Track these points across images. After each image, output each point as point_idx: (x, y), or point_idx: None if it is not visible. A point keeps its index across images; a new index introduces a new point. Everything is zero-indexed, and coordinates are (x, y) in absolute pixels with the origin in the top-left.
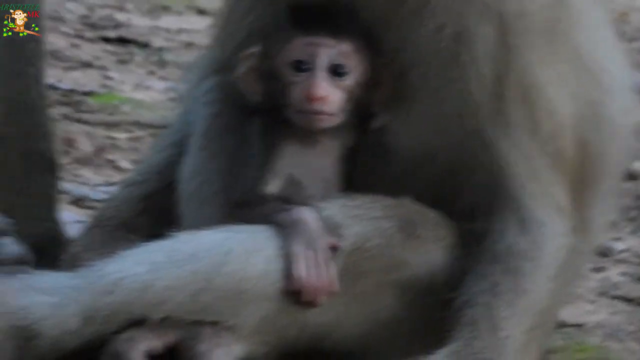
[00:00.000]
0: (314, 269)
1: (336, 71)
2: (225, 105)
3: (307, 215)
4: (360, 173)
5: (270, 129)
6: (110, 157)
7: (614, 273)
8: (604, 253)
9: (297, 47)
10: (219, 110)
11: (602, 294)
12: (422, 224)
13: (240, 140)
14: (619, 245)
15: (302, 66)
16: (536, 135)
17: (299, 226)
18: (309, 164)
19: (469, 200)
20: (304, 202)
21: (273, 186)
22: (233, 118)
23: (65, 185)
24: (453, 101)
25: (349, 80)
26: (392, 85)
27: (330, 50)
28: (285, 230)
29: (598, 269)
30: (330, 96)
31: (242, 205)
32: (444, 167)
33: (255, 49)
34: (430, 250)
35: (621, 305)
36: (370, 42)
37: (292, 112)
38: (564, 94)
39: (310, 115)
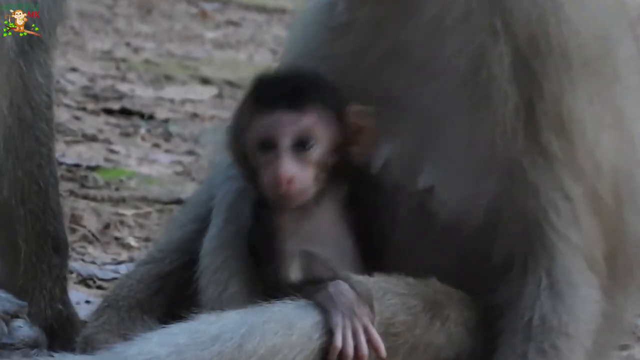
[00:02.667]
0: (355, 338)
1: (302, 145)
2: None
3: (340, 287)
4: (401, 238)
5: (266, 213)
6: (117, 234)
7: (638, 351)
8: (629, 331)
9: (260, 126)
10: (244, 185)
11: None
12: (448, 305)
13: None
14: None
15: (267, 145)
16: (577, 172)
17: (336, 299)
18: (314, 233)
19: (502, 258)
20: (333, 276)
21: (294, 269)
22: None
23: (72, 264)
24: (485, 130)
25: (318, 151)
26: (372, 129)
27: (292, 126)
28: (324, 306)
29: (622, 347)
30: (298, 174)
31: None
32: (481, 219)
33: (229, 126)
34: (456, 332)
35: None
36: (336, 105)
37: (266, 193)
38: (602, 137)
39: (281, 197)
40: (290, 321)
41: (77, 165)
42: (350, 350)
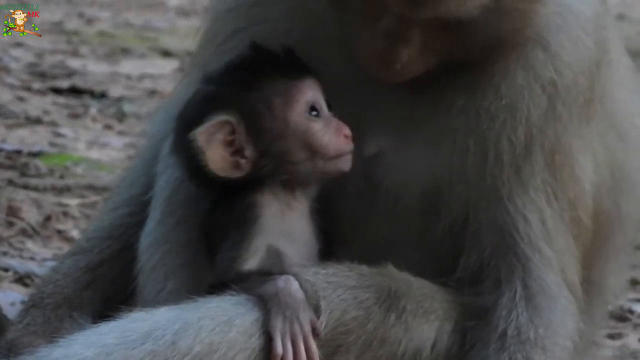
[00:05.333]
0: (294, 346)
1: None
2: None
3: (290, 285)
4: (347, 213)
5: (242, 201)
6: (60, 226)
7: (633, 339)
8: (622, 317)
9: (304, 91)
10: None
11: None
12: (406, 295)
13: (209, 208)
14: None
15: (317, 108)
16: (556, 200)
17: (282, 297)
18: (288, 231)
19: (474, 263)
20: (283, 271)
21: (252, 262)
22: None
23: (8, 261)
24: (476, 154)
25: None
26: None
27: (319, 90)
28: (266, 302)
29: (615, 335)
30: None
31: (219, 285)
32: (449, 216)
33: (221, 119)
34: (415, 324)
35: None
36: None
37: (317, 165)
38: (589, 161)
39: (346, 156)
40: (228, 317)
41: (18, 152)
42: (290, 358)
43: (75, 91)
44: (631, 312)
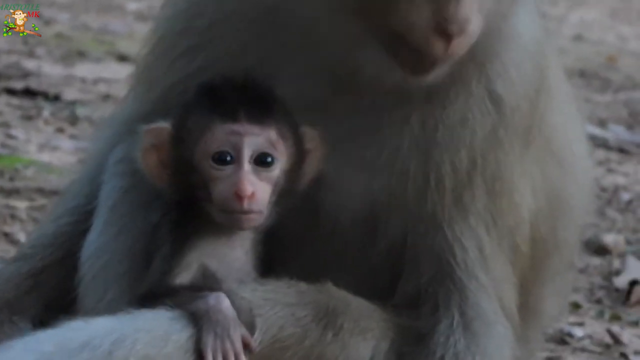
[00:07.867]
0: None
1: (262, 161)
2: (137, 178)
3: (221, 302)
4: (287, 233)
5: (179, 216)
6: (6, 229)
7: None
8: (561, 340)
9: (219, 136)
10: (130, 184)
11: None
12: (343, 313)
13: (151, 220)
14: (579, 332)
15: (225, 158)
16: (495, 227)
17: (212, 315)
18: (224, 254)
19: (412, 288)
20: (216, 288)
21: (184, 277)
22: (145, 194)
23: None
24: (417, 178)
25: (277, 169)
26: (318, 164)
27: (255, 138)
28: (198, 319)
29: (554, 359)
30: (259, 192)
31: (148, 297)
32: (386, 241)
33: (162, 126)
34: (352, 342)
35: None
36: (293, 123)
37: (214, 210)
38: (528, 188)
39: (237, 215)
40: (164, 332)
41: None
42: None
43: (29, 93)
44: (571, 335)
